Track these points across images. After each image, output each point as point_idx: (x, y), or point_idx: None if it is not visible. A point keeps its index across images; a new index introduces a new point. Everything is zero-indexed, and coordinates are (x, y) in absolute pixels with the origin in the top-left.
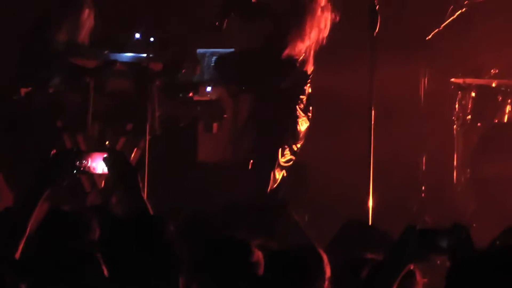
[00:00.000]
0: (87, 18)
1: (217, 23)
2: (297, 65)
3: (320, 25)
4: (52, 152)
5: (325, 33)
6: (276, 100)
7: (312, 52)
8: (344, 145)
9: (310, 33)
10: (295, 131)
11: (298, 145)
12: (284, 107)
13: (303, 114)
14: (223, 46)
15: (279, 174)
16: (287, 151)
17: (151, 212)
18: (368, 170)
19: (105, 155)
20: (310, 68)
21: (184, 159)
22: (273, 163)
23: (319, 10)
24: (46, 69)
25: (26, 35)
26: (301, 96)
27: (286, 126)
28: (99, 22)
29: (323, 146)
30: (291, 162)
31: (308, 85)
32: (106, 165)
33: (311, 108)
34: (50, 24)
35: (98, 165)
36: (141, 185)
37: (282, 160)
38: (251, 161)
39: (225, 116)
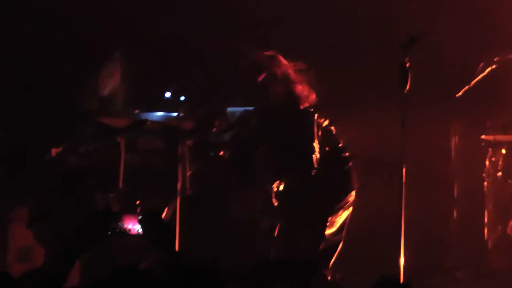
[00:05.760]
0: (119, 77)
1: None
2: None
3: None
4: (88, 213)
5: None
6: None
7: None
8: (376, 201)
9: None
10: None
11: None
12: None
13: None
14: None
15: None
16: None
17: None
18: (399, 227)
19: (140, 217)
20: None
21: (215, 218)
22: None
23: None
24: (77, 129)
25: (57, 94)
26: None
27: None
28: (130, 82)
29: (354, 203)
30: None
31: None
32: (142, 227)
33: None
34: (82, 85)
35: (133, 226)
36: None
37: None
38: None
39: None
